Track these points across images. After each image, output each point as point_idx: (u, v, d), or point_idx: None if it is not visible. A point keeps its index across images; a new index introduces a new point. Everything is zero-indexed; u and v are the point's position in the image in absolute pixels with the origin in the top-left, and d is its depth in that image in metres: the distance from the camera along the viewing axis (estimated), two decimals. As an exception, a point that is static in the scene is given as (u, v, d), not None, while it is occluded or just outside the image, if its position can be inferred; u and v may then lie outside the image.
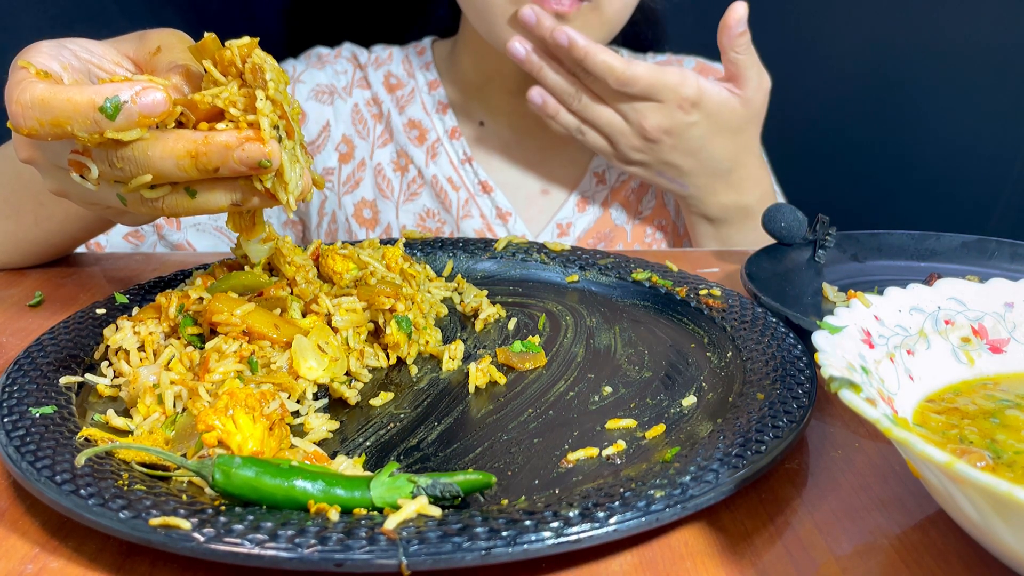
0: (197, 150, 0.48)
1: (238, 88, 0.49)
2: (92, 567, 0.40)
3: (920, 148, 1.25)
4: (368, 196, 1.05)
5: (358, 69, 1.08)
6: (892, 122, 1.25)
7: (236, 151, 0.48)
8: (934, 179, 1.26)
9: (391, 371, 0.58)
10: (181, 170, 0.49)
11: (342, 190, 1.05)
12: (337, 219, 1.05)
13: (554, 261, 0.72)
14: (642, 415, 0.51)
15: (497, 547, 0.37)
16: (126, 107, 0.46)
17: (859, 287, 0.69)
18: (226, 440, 0.44)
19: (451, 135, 1.04)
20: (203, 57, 0.50)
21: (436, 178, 1.03)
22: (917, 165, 1.26)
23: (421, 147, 1.04)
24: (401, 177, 1.05)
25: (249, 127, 0.49)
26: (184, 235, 0.96)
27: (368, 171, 1.05)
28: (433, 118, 1.05)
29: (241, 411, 0.45)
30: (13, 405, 0.48)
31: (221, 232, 0.98)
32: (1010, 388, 0.48)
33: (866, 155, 1.27)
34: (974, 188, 1.25)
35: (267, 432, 0.45)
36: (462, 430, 0.50)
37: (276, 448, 0.45)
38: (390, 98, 1.06)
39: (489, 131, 1.06)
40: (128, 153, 0.48)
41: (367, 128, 1.05)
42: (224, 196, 0.51)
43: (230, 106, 0.49)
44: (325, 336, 0.54)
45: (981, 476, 0.32)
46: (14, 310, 0.68)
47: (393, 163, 1.05)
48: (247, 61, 0.49)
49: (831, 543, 0.42)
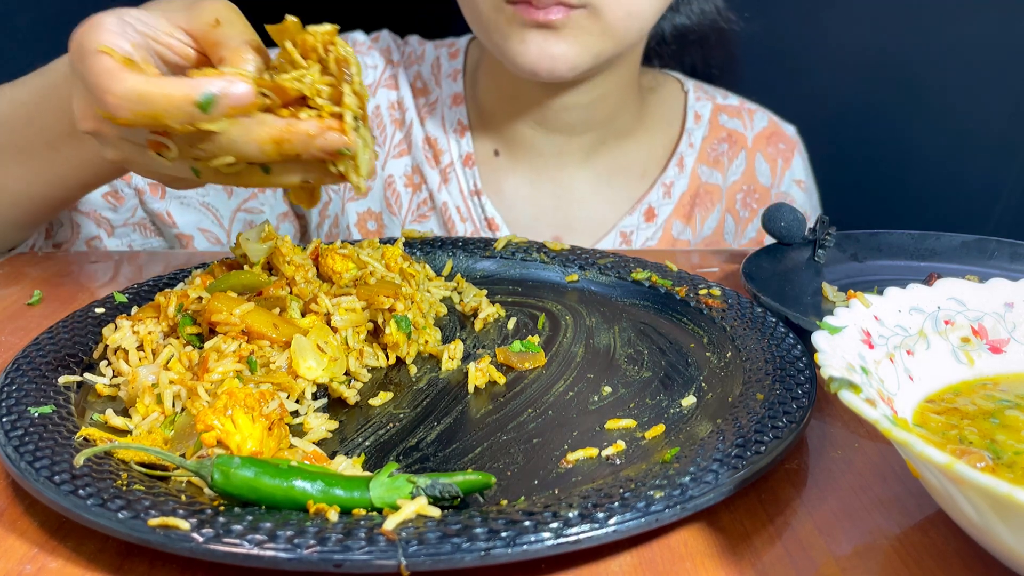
0: (281, 137, 0.50)
1: (320, 73, 0.51)
2: (91, 567, 0.40)
3: (920, 148, 1.25)
4: (375, 208, 0.99)
5: (389, 65, 1.00)
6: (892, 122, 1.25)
7: (318, 139, 0.50)
8: (934, 179, 1.26)
9: (390, 371, 0.58)
10: (264, 154, 0.51)
11: (347, 195, 1.00)
12: (339, 224, 1.01)
13: (554, 261, 0.72)
14: (642, 415, 0.51)
15: (496, 548, 0.37)
16: (217, 99, 0.48)
17: (859, 287, 0.69)
18: (225, 440, 0.44)
19: (465, 161, 0.97)
20: (283, 39, 0.51)
21: (446, 205, 0.96)
22: (917, 165, 1.25)
23: (435, 169, 0.98)
24: (412, 195, 0.98)
25: (331, 116, 0.50)
26: (166, 205, 0.91)
27: (378, 181, 0.99)
28: (450, 138, 0.97)
29: (240, 411, 0.45)
30: (12, 405, 0.48)
31: (207, 208, 0.94)
32: (1010, 388, 0.48)
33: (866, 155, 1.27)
34: (974, 188, 1.24)
35: (266, 432, 0.45)
36: (461, 430, 0.50)
37: (275, 448, 0.45)
38: (415, 105, 0.99)
39: (503, 164, 0.98)
40: (214, 138, 0.50)
41: (385, 134, 0.99)
42: (298, 175, 0.53)
43: (316, 94, 0.50)
44: (324, 336, 0.54)
45: (981, 477, 0.32)
46: (13, 309, 0.68)
47: (406, 177, 0.98)
48: (330, 50, 0.50)
49: (831, 543, 0.42)
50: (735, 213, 1.03)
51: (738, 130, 1.03)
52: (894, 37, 1.22)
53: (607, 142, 0.98)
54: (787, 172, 1.04)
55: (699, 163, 1.01)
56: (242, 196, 0.96)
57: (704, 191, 1.01)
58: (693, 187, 1.00)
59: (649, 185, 1.00)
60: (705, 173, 1.01)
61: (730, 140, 1.03)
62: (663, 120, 1.02)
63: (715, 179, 1.01)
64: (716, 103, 1.04)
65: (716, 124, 1.03)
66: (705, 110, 1.03)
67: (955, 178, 1.25)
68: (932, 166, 1.25)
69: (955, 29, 1.19)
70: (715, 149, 1.02)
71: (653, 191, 0.99)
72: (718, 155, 1.02)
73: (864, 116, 1.26)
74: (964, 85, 1.21)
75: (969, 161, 1.24)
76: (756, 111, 1.05)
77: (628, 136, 1.00)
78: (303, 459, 0.45)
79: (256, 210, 0.98)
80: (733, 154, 1.02)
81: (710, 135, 1.02)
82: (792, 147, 1.05)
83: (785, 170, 1.04)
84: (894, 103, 1.24)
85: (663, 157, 1.01)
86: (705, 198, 1.01)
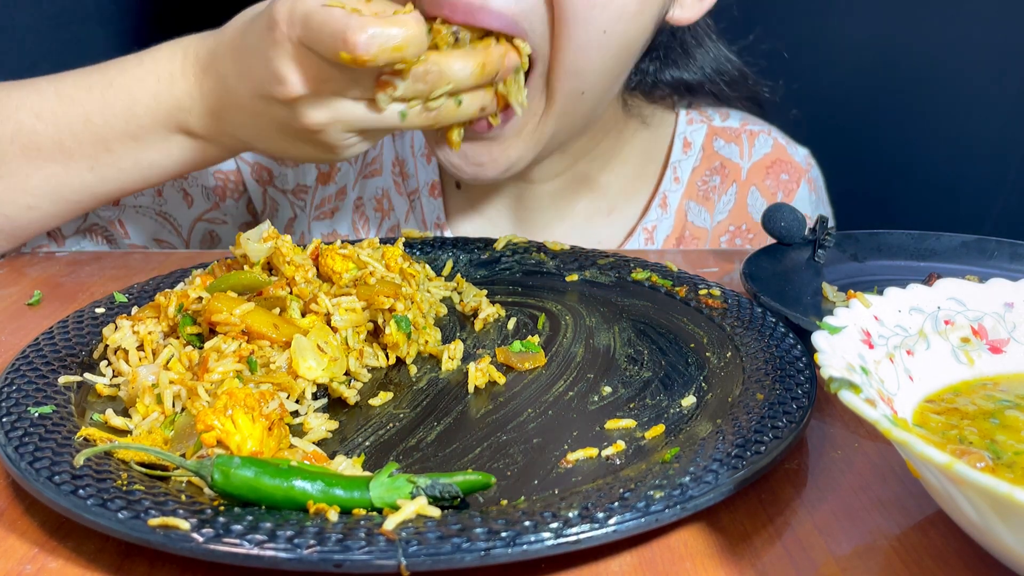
0: (485, 60, 0.65)
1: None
2: (91, 567, 0.40)
3: (920, 148, 1.25)
4: (341, 231, 0.94)
5: None
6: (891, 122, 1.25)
7: (506, 59, 0.66)
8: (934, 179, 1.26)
9: (390, 371, 0.58)
10: (473, 78, 0.65)
11: (313, 214, 0.94)
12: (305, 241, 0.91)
13: (554, 261, 0.72)
14: (641, 415, 0.51)
15: (496, 548, 0.37)
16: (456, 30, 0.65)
17: (859, 287, 0.69)
18: (225, 440, 0.44)
19: (431, 191, 0.91)
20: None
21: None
22: (917, 165, 1.25)
23: (403, 195, 0.92)
24: (381, 221, 0.93)
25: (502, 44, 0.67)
26: (118, 213, 0.89)
27: (347, 203, 0.94)
28: (417, 162, 0.92)
29: (240, 411, 0.45)
30: (12, 405, 0.48)
31: (165, 218, 0.91)
32: (1010, 388, 0.48)
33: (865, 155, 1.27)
34: (973, 188, 1.24)
35: (266, 432, 0.45)
36: (461, 430, 0.50)
37: (275, 448, 0.45)
38: None
39: (463, 199, 0.91)
40: (435, 67, 0.63)
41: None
42: (480, 101, 0.67)
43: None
44: (324, 336, 0.54)
45: (981, 477, 0.32)
46: (13, 309, 0.68)
47: (376, 200, 0.93)
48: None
49: (831, 544, 0.42)
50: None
51: (732, 159, 0.94)
52: (894, 37, 1.22)
53: (573, 186, 0.90)
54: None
55: (687, 199, 0.93)
56: (203, 207, 0.94)
57: (690, 235, 0.93)
58: (679, 228, 0.92)
59: (627, 232, 0.92)
60: (693, 212, 0.93)
61: (722, 172, 0.93)
62: (643, 153, 0.93)
63: (703, 220, 0.93)
64: (712, 126, 0.94)
65: (710, 151, 0.94)
66: (697, 136, 0.94)
67: (955, 178, 1.25)
68: (932, 166, 1.25)
69: (955, 29, 1.19)
70: (705, 182, 0.93)
71: (633, 238, 0.91)
72: (708, 190, 0.93)
73: (863, 116, 1.26)
74: (963, 85, 1.21)
75: (968, 161, 1.24)
76: (759, 134, 0.95)
77: (599, 176, 0.91)
78: (303, 459, 0.45)
79: (218, 220, 0.95)
80: (723, 189, 0.93)
81: (701, 164, 0.93)
82: (798, 176, 0.95)
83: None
84: (894, 103, 1.24)
85: (642, 198, 0.93)
86: (691, 243, 0.93)
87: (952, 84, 1.21)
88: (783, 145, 0.96)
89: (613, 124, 0.89)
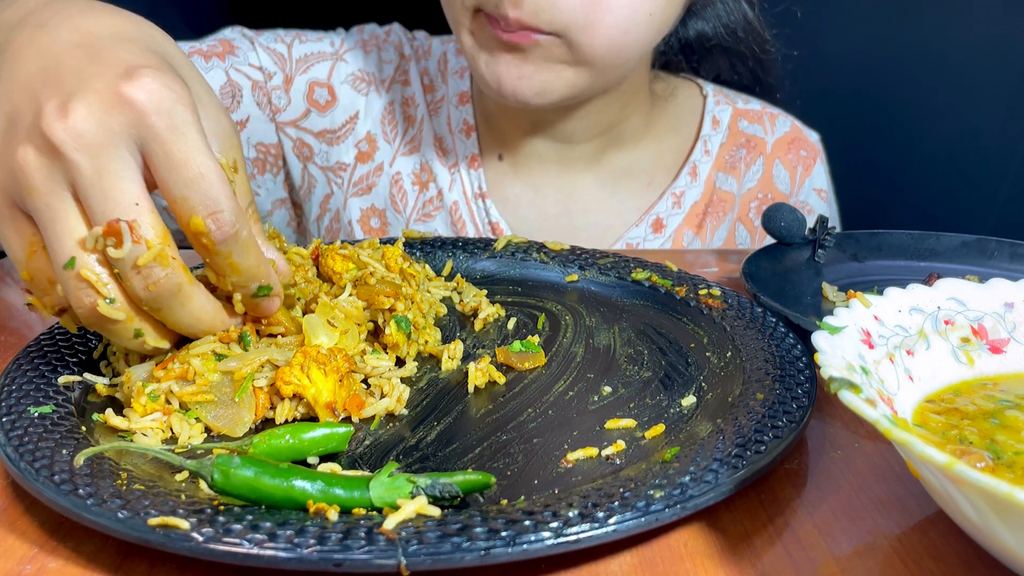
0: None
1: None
2: (91, 567, 0.40)
3: (920, 147, 1.25)
4: (379, 205, 0.97)
5: (402, 60, 0.98)
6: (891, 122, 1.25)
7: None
8: (934, 179, 1.26)
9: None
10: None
11: (351, 191, 0.97)
12: (340, 219, 0.99)
13: (553, 261, 0.72)
14: (641, 415, 0.51)
15: (496, 547, 0.37)
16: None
17: (859, 287, 0.69)
18: (302, 392, 0.49)
19: (470, 163, 0.95)
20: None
21: (457, 205, 0.95)
22: (917, 164, 1.26)
23: (445, 167, 0.96)
24: (419, 193, 0.96)
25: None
26: None
27: (384, 178, 0.97)
28: (456, 138, 0.96)
29: (314, 366, 0.49)
30: (12, 404, 0.48)
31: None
32: (1010, 388, 0.48)
33: (865, 155, 1.27)
34: (974, 188, 1.25)
35: (337, 383, 0.50)
36: (461, 430, 0.50)
37: (346, 397, 0.50)
38: (425, 101, 0.97)
39: (507, 168, 0.96)
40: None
41: (396, 131, 0.97)
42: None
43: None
44: (332, 312, 0.54)
45: (981, 477, 0.32)
46: (13, 308, 0.68)
47: (414, 175, 0.97)
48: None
49: (831, 544, 0.42)
50: (747, 222, 1.00)
51: (758, 135, 1.00)
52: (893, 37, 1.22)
53: (610, 150, 0.96)
54: (807, 180, 1.01)
55: (715, 170, 0.98)
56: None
57: (718, 199, 0.98)
58: (707, 195, 0.98)
59: (657, 195, 0.97)
60: (720, 179, 0.98)
61: (748, 145, 1.00)
62: (674, 128, 1.00)
63: (729, 186, 0.99)
64: (736, 108, 1.01)
65: (735, 130, 1.00)
66: (725, 115, 1.00)
67: (955, 178, 1.25)
68: (932, 166, 1.25)
69: (955, 29, 1.19)
70: (732, 155, 0.99)
71: (662, 201, 0.97)
72: (735, 160, 0.99)
73: (863, 116, 1.26)
74: (964, 85, 1.21)
75: (968, 161, 1.24)
76: (778, 116, 1.02)
77: (634, 144, 0.97)
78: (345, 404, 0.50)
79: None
80: (751, 160, 1.00)
81: (728, 141, 0.99)
82: (814, 155, 1.02)
83: (805, 178, 1.01)
84: (894, 103, 1.24)
85: (673, 166, 0.98)
86: (718, 207, 0.98)
87: (952, 84, 1.21)
88: (799, 126, 1.03)
89: (640, 104, 0.96)
